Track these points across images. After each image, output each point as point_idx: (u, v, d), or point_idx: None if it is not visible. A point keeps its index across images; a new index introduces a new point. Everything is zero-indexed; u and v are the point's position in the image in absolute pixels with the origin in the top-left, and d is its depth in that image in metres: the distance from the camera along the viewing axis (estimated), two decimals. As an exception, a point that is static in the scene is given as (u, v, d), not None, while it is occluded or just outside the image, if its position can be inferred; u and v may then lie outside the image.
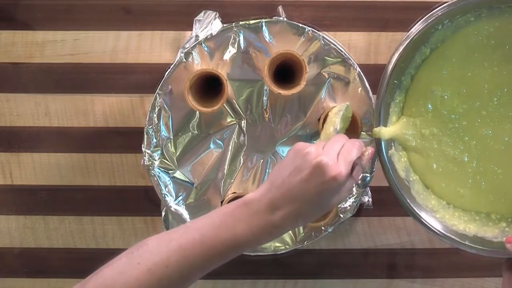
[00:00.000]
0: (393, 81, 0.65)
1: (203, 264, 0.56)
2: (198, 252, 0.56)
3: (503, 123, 0.66)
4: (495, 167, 0.67)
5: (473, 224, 0.67)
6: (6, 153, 0.82)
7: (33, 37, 0.80)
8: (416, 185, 0.68)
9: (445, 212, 0.67)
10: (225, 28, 0.74)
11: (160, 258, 0.56)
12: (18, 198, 0.83)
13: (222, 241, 0.56)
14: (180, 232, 0.58)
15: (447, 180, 0.68)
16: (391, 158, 0.66)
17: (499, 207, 0.67)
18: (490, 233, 0.66)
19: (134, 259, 0.56)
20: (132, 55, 0.80)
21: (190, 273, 0.56)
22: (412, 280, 0.85)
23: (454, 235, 0.66)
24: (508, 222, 0.66)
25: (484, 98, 0.66)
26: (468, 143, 0.67)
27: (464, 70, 0.66)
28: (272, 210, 0.56)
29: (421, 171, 0.68)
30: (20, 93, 0.81)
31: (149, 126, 0.76)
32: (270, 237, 0.57)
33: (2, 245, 0.84)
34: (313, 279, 0.85)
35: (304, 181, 0.56)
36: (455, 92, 0.66)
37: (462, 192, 0.68)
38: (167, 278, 0.55)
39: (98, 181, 0.82)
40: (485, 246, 0.65)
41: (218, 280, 0.84)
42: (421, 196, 0.67)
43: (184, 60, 0.74)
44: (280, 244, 0.80)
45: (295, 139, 0.78)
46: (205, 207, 0.79)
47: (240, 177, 0.79)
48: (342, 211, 0.79)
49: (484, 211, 0.68)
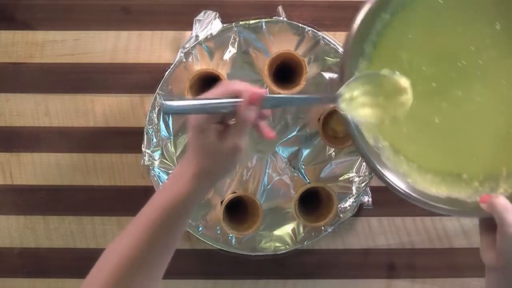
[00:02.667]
0: (355, 49, 0.63)
1: (149, 237, 0.57)
2: (140, 226, 0.58)
3: (472, 83, 0.65)
4: (467, 127, 0.66)
5: (445, 185, 0.66)
6: (6, 153, 0.82)
7: (33, 37, 0.80)
8: (386, 151, 0.66)
9: (417, 175, 0.66)
10: (225, 28, 0.74)
11: (117, 247, 0.58)
12: (18, 198, 0.83)
13: (158, 205, 0.58)
14: (134, 219, 0.60)
15: (418, 143, 0.67)
16: (358, 126, 0.65)
17: (470, 166, 0.66)
18: (463, 194, 0.65)
19: (101, 260, 0.59)
20: (132, 55, 0.80)
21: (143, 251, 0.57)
22: (412, 280, 0.85)
23: (427, 198, 0.64)
24: (481, 181, 0.66)
25: (452, 59, 0.65)
26: (439, 105, 0.66)
27: (428, 34, 0.65)
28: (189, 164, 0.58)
29: (391, 136, 0.67)
30: (20, 93, 0.81)
31: (149, 126, 0.76)
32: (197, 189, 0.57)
33: (2, 245, 0.84)
34: (313, 279, 0.85)
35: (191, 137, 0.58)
36: (421, 56, 0.65)
37: (434, 153, 0.67)
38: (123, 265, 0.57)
39: (98, 181, 0.82)
40: (460, 207, 0.64)
41: (219, 280, 0.84)
42: (391, 161, 0.66)
43: (184, 60, 0.74)
44: (280, 244, 0.80)
45: (295, 139, 0.78)
46: (205, 207, 0.79)
47: (240, 177, 0.79)
48: (342, 211, 0.79)
49: (455, 172, 0.67)
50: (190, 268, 0.84)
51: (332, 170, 0.79)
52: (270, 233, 0.80)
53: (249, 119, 0.55)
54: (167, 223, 0.58)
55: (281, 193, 0.79)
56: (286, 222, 0.80)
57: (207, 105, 0.54)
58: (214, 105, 0.55)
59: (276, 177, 0.79)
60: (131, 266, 0.57)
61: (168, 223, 0.58)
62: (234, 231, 0.76)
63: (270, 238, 0.80)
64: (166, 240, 0.58)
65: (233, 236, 0.79)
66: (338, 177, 0.79)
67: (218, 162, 0.57)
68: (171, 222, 0.58)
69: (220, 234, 0.79)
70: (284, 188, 0.79)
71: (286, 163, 0.79)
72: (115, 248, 0.58)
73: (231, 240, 0.79)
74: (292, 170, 0.79)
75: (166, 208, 0.57)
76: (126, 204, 0.83)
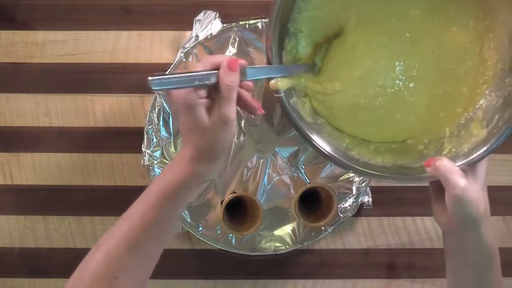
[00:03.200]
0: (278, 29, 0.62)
1: (143, 223, 0.58)
2: (134, 212, 0.59)
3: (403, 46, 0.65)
4: (402, 91, 0.65)
5: (390, 153, 0.66)
6: (6, 153, 0.82)
7: (33, 37, 0.80)
8: (326, 128, 0.66)
9: (361, 147, 0.66)
10: (225, 28, 0.74)
11: (110, 234, 0.59)
12: (18, 198, 0.83)
13: (152, 191, 0.59)
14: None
15: (356, 117, 0.66)
16: (295, 107, 0.64)
17: (413, 130, 0.66)
18: (409, 159, 0.64)
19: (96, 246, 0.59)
20: (132, 55, 0.80)
21: (135, 237, 0.58)
22: (412, 280, 0.85)
23: (373, 169, 0.64)
24: (425, 144, 0.65)
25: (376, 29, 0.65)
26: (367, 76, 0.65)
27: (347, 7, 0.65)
28: (183, 150, 0.59)
29: (328, 112, 0.66)
30: (20, 93, 0.81)
31: (149, 126, 0.76)
32: (192, 175, 0.58)
33: (2, 245, 0.84)
34: (313, 279, 0.85)
35: (182, 118, 0.58)
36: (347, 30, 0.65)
37: (374, 122, 0.66)
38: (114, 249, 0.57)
39: (98, 181, 0.82)
40: (406, 173, 0.63)
41: (219, 280, 0.84)
42: (333, 137, 0.66)
43: (184, 60, 0.74)
44: (280, 244, 0.80)
45: (295, 139, 0.78)
46: (205, 207, 0.79)
47: (240, 177, 0.79)
48: (342, 211, 0.79)
49: (399, 138, 0.67)
50: (190, 268, 0.84)
51: (332, 170, 0.79)
52: (270, 233, 0.80)
53: (231, 84, 0.56)
54: (166, 207, 0.58)
55: (281, 193, 0.79)
56: (286, 222, 0.80)
57: (191, 77, 0.55)
58: (197, 77, 0.55)
59: (276, 177, 0.79)
60: (124, 247, 0.57)
61: (164, 207, 0.58)
62: (234, 231, 0.77)
63: (270, 238, 0.80)
64: (163, 221, 0.59)
65: (233, 236, 0.79)
66: (338, 177, 0.79)
67: (213, 138, 0.57)
68: (169, 206, 0.58)
69: (220, 234, 0.79)
70: (284, 188, 0.79)
71: (286, 163, 0.79)
72: (111, 231, 0.59)
73: (231, 240, 0.79)
74: (292, 170, 0.79)
75: (164, 193, 0.58)
76: (126, 204, 0.82)
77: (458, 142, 0.63)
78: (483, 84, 0.64)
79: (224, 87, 0.56)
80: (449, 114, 0.65)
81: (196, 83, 0.56)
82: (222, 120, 0.56)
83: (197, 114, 0.56)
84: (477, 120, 0.63)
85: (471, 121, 0.64)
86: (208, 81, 0.56)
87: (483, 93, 0.64)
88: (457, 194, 0.56)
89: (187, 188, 0.58)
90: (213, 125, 0.56)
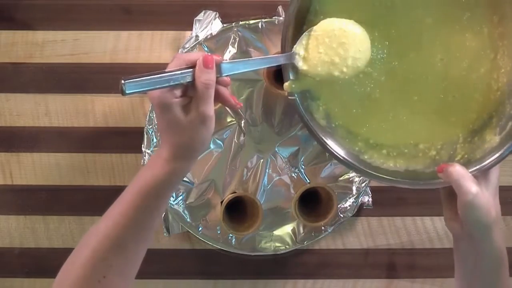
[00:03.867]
0: (294, 32, 0.62)
1: (126, 221, 0.58)
2: (115, 211, 0.59)
3: (407, 52, 0.65)
4: (412, 96, 0.66)
5: (402, 158, 0.66)
6: (6, 153, 0.82)
7: (33, 37, 0.80)
8: (340, 131, 0.66)
9: (373, 151, 0.66)
10: (225, 28, 0.74)
11: (93, 233, 0.59)
12: (18, 198, 0.83)
13: (131, 191, 0.59)
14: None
15: (368, 119, 0.67)
16: (309, 109, 0.64)
17: (424, 135, 0.66)
18: (421, 164, 0.65)
19: (79, 245, 0.60)
20: (132, 55, 0.80)
21: (119, 237, 0.58)
22: (412, 280, 0.85)
23: (385, 173, 0.64)
24: (438, 150, 0.65)
25: (383, 34, 0.65)
26: (377, 79, 0.66)
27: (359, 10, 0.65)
28: (160, 149, 0.59)
29: (341, 117, 0.67)
30: (20, 93, 0.81)
31: (149, 126, 0.76)
32: (169, 174, 0.58)
33: (2, 245, 0.84)
34: (313, 279, 0.85)
35: (158, 117, 0.58)
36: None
37: (386, 127, 0.67)
38: (100, 248, 0.57)
39: (98, 181, 0.82)
40: (419, 179, 0.64)
41: (219, 280, 0.84)
42: (346, 140, 0.66)
43: (184, 60, 0.74)
44: (280, 244, 0.80)
45: (295, 139, 0.78)
46: (205, 207, 0.79)
47: (240, 177, 0.79)
48: (342, 211, 0.79)
49: (412, 142, 0.67)
50: (190, 268, 0.84)
51: (332, 170, 0.79)
52: (270, 233, 0.80)
53: (208, 82, 0.55)
54: (144, 206, 0.58)
55: (281, 193, 0.79)
56: (286, 222, 0.80)
57: (165, 77, 0.54)
58: (172, 77, 0.55)
59: (276, 177, 0.79)
60: (108, 246, 0.57)
61: (145, 206, 0.58)
62: (234, 231, 0.77)
63: (270, 238, 0.80)
64: (143, 221, 0.59)
65: (233, 236, 0.79)
66: (338, 177, 0.79)
67: (191, 136, 0.57)
68: (148, 205, 0.58)
69: (220, 234, 0.79)
70: (284, 188, 0.79)
71: (286, 163, 0.79)
72: (93, 232, 0.59)
73: (231, 240, 0.79)
74: (292, 170, 0.79)
75: (143, 192, 0.58)
76: (126, 204, 0.83)
77: (471, 148, 0.64)
78: (497, 91, 0.64)
79: (201, 85, 0.55)
80: (461, 120, 0.66)
81: (171, 83, 0.55)
82: (200, 118, 0.56)
83: (173, 114, 0.56)
84: (490, 127, 0.64)
85: (485, 127, 0.64)
86: (183, 80, 0.55)
87: (496, 100, 0.64)
88: (469, 200, 0.56)
89: (166, 187, 0.58)
90: (191, 123, 0.56)
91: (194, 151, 0.58)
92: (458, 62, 0.65)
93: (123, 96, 0.54)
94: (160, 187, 0.58)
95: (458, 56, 0.65)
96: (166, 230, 0.79)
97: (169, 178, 0.58)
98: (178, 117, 0.56)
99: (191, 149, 0.58)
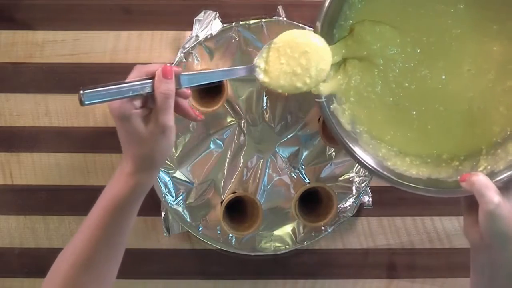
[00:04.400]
0: (325, 35, 0.63)
1: (97, 238, 0.58)
2: (86, 229, 0.59)
3: (437, 62, 0.66)
4: (437, 106, 0.66)
5: (425, 167, 0.66)
6: (6, 153, 0.82)
7: (33, 37, 0.80)
8: (364, 136, 0.66)
9: (397, 158, 0.66)
10: (225, 28, 0.74)
11: (68, 252, 0.59)
12: (18, 198, 0.83)
13: (99, 207, 0.59)
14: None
15: (393, 127, 0.67)
16: (334, 113, 0.65)
17: (449, 146, 0.67)
18: (444, 174, 0.65)
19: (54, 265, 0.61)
20: (132, 55, 0.80)
21: (91, 255, 0.58)
22: (412, 280, 0.85)
23: (408, 180, 0.64)
24: (461, 161, 0.65)
25: (417, 38, 0.65)
26: (407, 88, 0.66)
27: (394, 14, 0.65)
28: (123, 163, 0.59)
29: (367, 123, 0.67)
30: (20, 93, 0.81)
31: (149, 126, 0.76)
32: (133, 187, 0.58)
33: (2, 245, 0.84)
34: (313, 279, 0.85)
35: (119, 129, 0.58)
36: (388, 38, 0.66)
37: (410, 136, 0.67)
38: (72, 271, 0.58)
39: (98, 181, 0.82)
40: (440, 187, 0.64)
41: (219, 280, 0.84)
42: (370, 146, 0.66)
43: (184, 60, 0.74)
44: (280, 244, 0.80)
45: (295, 139, 0.78)
46: (205, 207, 0.79)
47: (240, 177, 0.79)
48: (342, 211, 0.79)
49: (435, 152, 0.67)
50: (190, 268, 0.84)
51: (332, 170, 0.79)
52: (270, 233, 0.80)
53: (167, 92, 0.55)
54: (112, 224, 0.58)
55: (281, 193, 0.79)
56: (286, 222, 0.80)
57: (125, 88, 0.54)
58: (131, 87, 0.54)
59: (276, 177, 0.79)
60: (80, 270, 0.58)
61: (113, 224, 0.58)
62: (234, 231, 0.77)
63: (270, 238, 0.80)
64: (112, 238, 0.59)
65: (233, 236, 0.79)
66: (338, 177, 0.79)
67: (152, 147, 0.57)
68: (116, 222, 0.58)
69: (220, 234, 0.79)
70: (284, 188, 0.79)
71: (286, 163, 0.79)
72: (66, 251, 0.59)
73: (231, 240, 0.79)
74: (292, 170, 0.79)
75: (108, 210, 0.58)
76: (126, 204, 0.83)
77: (494, 160, 0.64)
78: None
79: (160, 96, 0.55)
80: (485, 132, 0.66)
81: (130, 94, 0.54)
82: (160, 128, 0.56)
83: (133, 125, 0.55)
84: None
85: (508, 140, 0.64)
86: (143, 91, 0.55)
87: None
88: (491, 210, 0.56)
89: (131, 201, 0.59)
90: (151, 134, 0.56)
91: (155, 162, 0.58)
92: (485, 73, 0.65)
93: (82, 106, 0.54)
94: (125, 202, 0.58)
95: (485, 68, 0.65)
96: (166, 230, 0.79)
97: (134, 192, 0.58)
98: (138, 128, 0.56)
99: (152, 160, 0.58)
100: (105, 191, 0.59)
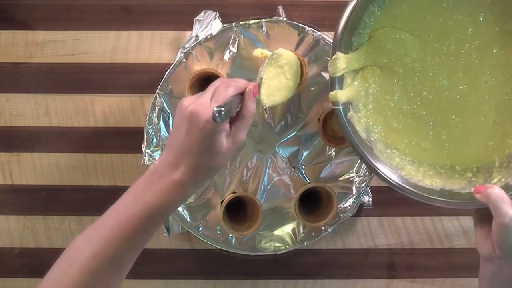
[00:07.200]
0: (344, 43, 0.64)
1: (128, 245, 0.57)
2: (118, 234, 0.57)
3: (456, 72, 0.66)
4: (454, 117, 0.67)
5: (439, 177, 0.66)
6: (6, 153, 0.82)
7: (33, 37, 0.80)
8: (379, 145, 0.67)
9: (411, 168, 0.67)
10: (225, 28, 0.74)
11: (88, 252, 0.57)
12: (18, 198, 0.83)
13: (137, 215, 0.57)
14: (101, 221, 0.59)
15: (409, 136, 0.68)
16: (351, 120, 0.65)
17: (462, 157, 0.67)
18: (457, 185, 0.65)
19: (64, 263, 0.58)
20: (132, 55, 0.80)
21: (119, 258, 0.57)
22: (412, 280, 0.85)
23: (421, 190, 0.65)
24: (474, 172, 0.66)
25: (436, 49, 0.66)
26: (425, 97, 0.67)
27: (414, 22, 0.66)
28: (172, 170, 0.57)
29: (383, 131, 0.68)
30: (20, 93, 0.81)
31: (149, 126, 0.76)
32: (180, 197, 0.57)
33: (2, 245, 0.84)
34: (313, 279, 0.85)
35: (186, 133, 0.57)
36: (407, 46, 0.66)
37: (425, 146, 0.67)
38: (98, 270, 0.56)
39: (98, 181, 0.82)
40: (454, 198, 0.64)
41: (219, 280, 0.84)
42: (384, 155, 0.67)
43: (184, 60, 0.74)
44: (280, 244, 0.80)
45: (295, 139, 0.78)
46: (205, 207, 0.79)
47: (240, 177, 0.79)
48: (342, 211, 0.79)
49: (448, 163, 0.67)
50: (190, 268, 0.84)
51: (332, 170, 0.79)
52: (270, 233, 0.80)
53: (254, 111, 0.58)
54: (149, 230, 0.58)
55: (281, 193, 0.79)
56: (286, 222, 0.80)
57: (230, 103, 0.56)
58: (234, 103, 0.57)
59: (276, 177, 0.79)
60: (111, 268, 0.57)
61: (149, 230, 0.58)
62: (234, 231, 0.76)
63: (270, 238, 0.80)
64: (142, 245, 0.59)
65: (233, 236, 0.79)
66: (338, 177, 0.79)
67: (222, 161, 0.58)
68: (152, 228, 0.58)
69: (220, 234, 0.79)
70: (284, 188, 0.79)
71: (286, 163, 0.79)
72: (94, 251, 0.57)
73: (231, 240, 0.79)
74: (292, 170, 0.79)
75: (151, 217, 0.57)
76: (126, 204, 0.83)
77: (508, 173, 0.64)
78: None
79: (248, 114, 0.57)
80: (499, 144, 0.66)
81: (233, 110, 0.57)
82: (237, 144, 0.57)
83: (220, 140, 0.56)
84: None
85: None
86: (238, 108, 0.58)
87: None
88: (505, 223, 0.56)
89: (172, 210, 0.59)
90: (228, 149, 0.57)
91: (213, 175, 0.60)
92: (502, 86, 0.66)
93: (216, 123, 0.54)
94: (167, 210, 0.58)
95: (503, 81, 0.66)
96: (166, 230, 0.79)
97: (177, 201, 0.58)
98: (222, 142, 0.56)
99: (213, 173, 0.59)
100: (144, 195, 0.57)
